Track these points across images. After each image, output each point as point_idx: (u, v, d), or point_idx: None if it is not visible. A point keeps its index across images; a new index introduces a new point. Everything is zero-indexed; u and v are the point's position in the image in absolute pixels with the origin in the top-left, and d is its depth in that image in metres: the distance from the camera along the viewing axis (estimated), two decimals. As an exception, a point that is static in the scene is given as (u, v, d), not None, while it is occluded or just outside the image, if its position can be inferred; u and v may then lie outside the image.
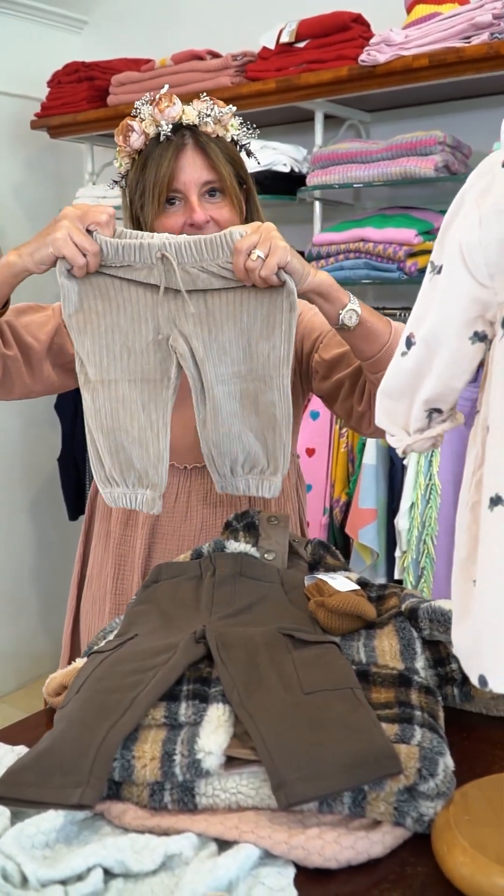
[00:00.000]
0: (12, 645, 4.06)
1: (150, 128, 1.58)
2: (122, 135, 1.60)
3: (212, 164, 1.60)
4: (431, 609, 1.35)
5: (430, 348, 0.96)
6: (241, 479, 1.55)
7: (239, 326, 1.47)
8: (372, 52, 2.67)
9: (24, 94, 3.80)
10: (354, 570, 2.79)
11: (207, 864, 0.96)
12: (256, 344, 1.48)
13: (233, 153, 1.64)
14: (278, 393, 1.50)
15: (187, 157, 1.59)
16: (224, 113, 1.60)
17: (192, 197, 1.60)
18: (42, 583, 4.14)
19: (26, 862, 0.94)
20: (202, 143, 1.59)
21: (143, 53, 3.64)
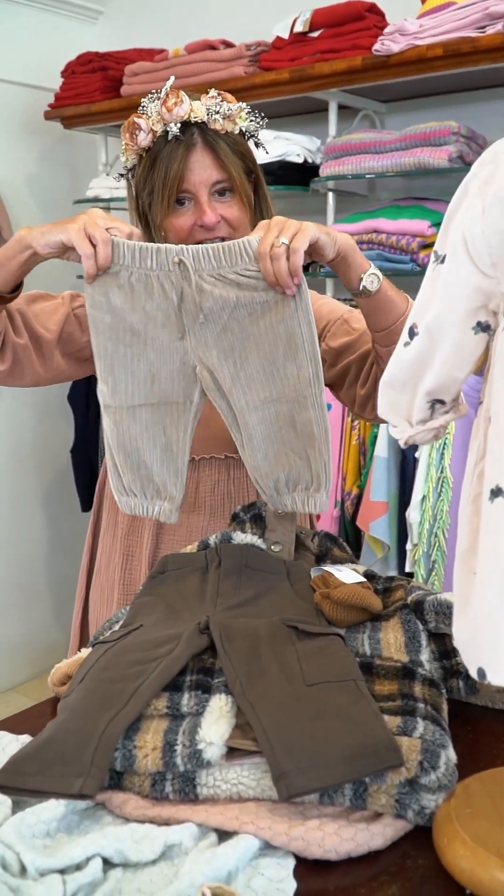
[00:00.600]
0: (25, 635, 4.08)
1: (158, 125, 1.55)
2: (129, 132, 1.57)
3: (221, 164, 1.57)
4: (437, 602, 1.35)
5: (432, 338, 0.95)
6: (287, 497, 1.50)
7: (262, 354, 1.44)
8: (386, 41, 2.65)
9: (38, 84, 3.80)
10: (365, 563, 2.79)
11: (206, 854, 0.96)
12: (283, 367, 1.45)
13: (242, 147, 1.61)
14: (314, 410, 1.46)
15: (196, 157, 1.56)
16: (233, 109, 1.56)
17: (201, 197, 1.58)
18: (55, 574, 4.15)
19: (25, 851, 0.94)
20: (211, 141, 1.56)
21: (156, 43, 3.63)
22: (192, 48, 3.19)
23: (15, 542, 4.00)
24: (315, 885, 0.96)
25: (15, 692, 4.00)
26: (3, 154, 3.80)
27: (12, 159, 3.82)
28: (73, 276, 4.06)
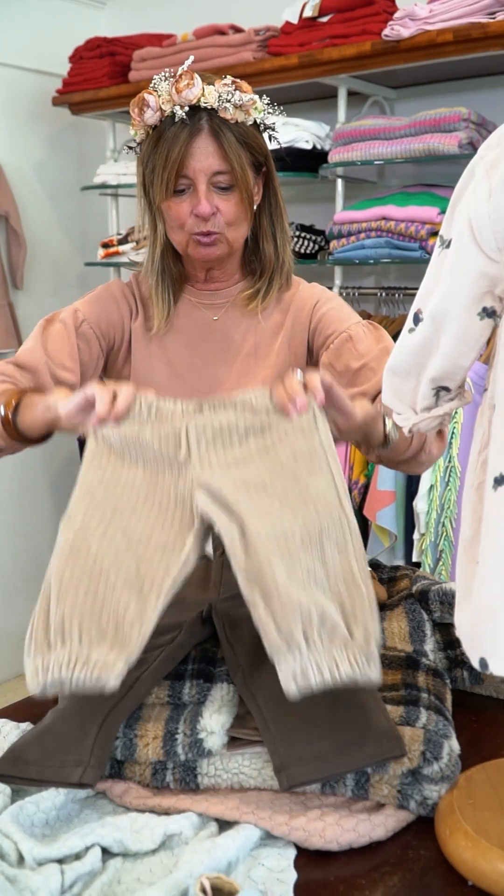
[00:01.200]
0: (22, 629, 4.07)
1: (167, 105, 1.50)
2: (138, 108, 1.53)
3: (224, 154, 1.51)
4: (442, 591, 1.34)
5: (437, 324, 0.94)
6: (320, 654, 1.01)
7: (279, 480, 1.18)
8: (396, 26, 2.62)
9: (46, 70, 3.78)
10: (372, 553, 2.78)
11: (206, 844, 0.95)
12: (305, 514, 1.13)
13: (252, 138, 1.54)
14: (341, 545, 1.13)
15: (200, 144, 1.50)
16: (244, 99, 1.50)
17: (200, 185, 1.52)
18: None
19: (23, 840, 0.94)
20: (217, 129, 1.50)
21: (165, 29, 3.60)
22: (201, 33, 3.16)
23: (21, 531, 4.00)
24: (316, 875, 0.96)
25: (20, 680, 3.99)
26: (12, 140, 3.78)
27: (20, 145, 3.80)
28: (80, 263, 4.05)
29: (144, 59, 3.30)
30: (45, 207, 3.93)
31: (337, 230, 2.89)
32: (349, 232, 2.85)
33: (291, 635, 1.00)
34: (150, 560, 1.11)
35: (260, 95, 1.59)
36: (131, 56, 3.38)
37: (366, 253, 2.81)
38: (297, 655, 0.99)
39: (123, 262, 3.53)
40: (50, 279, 3.99)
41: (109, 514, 1.15)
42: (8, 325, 3.68)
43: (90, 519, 1.15)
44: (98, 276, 3.96)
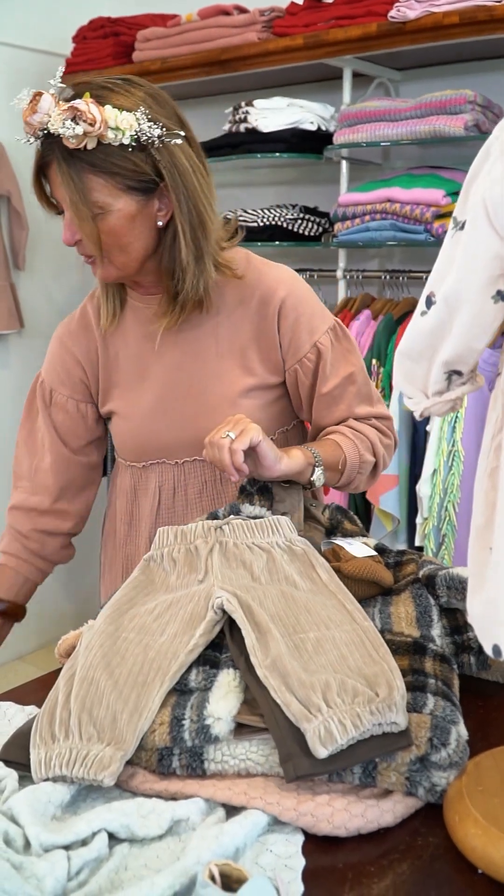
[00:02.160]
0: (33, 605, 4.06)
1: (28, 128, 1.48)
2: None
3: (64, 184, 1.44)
4: (449, 576, 1.33)
5: (450, 307, 0.92)
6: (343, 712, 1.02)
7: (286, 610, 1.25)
8: (402, 7, 2.60)
9: (49, 50, 3.75)
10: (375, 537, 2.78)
11: (214, 830, 0.95)
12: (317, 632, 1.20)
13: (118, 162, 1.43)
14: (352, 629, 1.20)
15: (53, 172, 1.46)
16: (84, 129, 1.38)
17: (67, 213, 1.49)
18: (64, 544, 4.15)
19: (30, 825, 0.93)
20: (60, 159, 1.44)
21: (168, 9, 3.58)
22: (205, 13, 3.14)
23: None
24: (324, 862, 0.95)
25: (22, 661, 4.00)
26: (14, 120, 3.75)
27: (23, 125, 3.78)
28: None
29: (149, 40, 3.28)
30: (48, 188, 3.90)
31: (342, 212, 2.87)
32: (354, 214, 2.84)
33: (311, 701, 1.04)
34: (159, 648, 1.18)
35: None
36: (135, 36, 3.36)
37: (370, 235, 2.80)
38: (318, 717, 1.02)
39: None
40: (52, 260, 3.97)
41: (127, 620, 1.26)
42: (10, 306, 3.67)
43: (108, 624, 1.25)
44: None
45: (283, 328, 1.62)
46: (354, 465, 1.59)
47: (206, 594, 1.26)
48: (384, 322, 2.88)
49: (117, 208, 1.46)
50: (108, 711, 1.09)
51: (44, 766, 1.03)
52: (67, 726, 1.08)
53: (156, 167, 1.46)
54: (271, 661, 1.11)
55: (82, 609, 4.18)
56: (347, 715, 1.02)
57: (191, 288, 1.55)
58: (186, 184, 1.49)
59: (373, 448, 1.63)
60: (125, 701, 1.10)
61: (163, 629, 1.22)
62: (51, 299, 3.99)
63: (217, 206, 1.58)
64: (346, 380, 1.64)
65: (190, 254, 1.52)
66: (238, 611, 1.20)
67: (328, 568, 1.34)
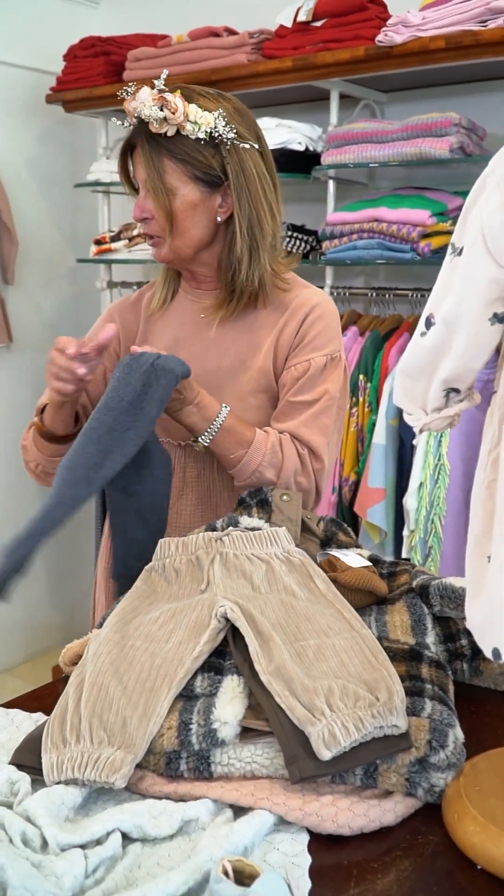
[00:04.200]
0: (20, 617, 4.09)
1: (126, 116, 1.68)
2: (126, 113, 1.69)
3: (143, 162, 1.65)
4: (442, 586, 1.37)
5: (449, 328, 0.97)
6: (345, 715, 1.07)
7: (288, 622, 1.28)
8: (389, 32, 2.66)
9: (40, 67, 3.80)
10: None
11: (224, 829, 0.98)
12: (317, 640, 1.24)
13: (192, 152, 1.63)
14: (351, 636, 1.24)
15: (137, 152, 1.66)
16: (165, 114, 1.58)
17: (141, 190, 1.69)
18: (53, 554, 4.15)
19: (47, 826, 0.97)
20: (146, 140, 1.63)
21: (157, 29, 3.63)
22: (196, 35, 3.19)
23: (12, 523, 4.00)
24: (329, 860, 0.99)
25: (9, 675, 4.01)
26: (3, 136, 3.80)
27: (12, 141, 3.82)
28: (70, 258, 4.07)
29: (139, 59, 3.33)
30: (37, 203, 3.95)
31: (329, 231, 2.93)
32: (341, 233, 2.89)
33: (314, 705, 1.08)
34: (166, 655, 1.22)
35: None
36: (126, 56, 3.41)
37: (358, 254, 2.85)
38: (322, 720, 1.06)
39: (115, 258, 3.55)
40: (41, 275, 4.01)
41: (133, 629, 1.30)
42: (-1, 321, 3.70)
43: (115, 632, 1.29)
44: (89, 272, 3.98)
45: (303, 329, 1.74)
46: (249, 471, 1.68)
47: (209, 603, 1.30)
48: (371, 338, 2.93)
49: (182, 193, 1.65)
50: (117, 716, 1.12)
51: (56, 769, 1.07)
52: (78, 731, 1.11)
53: (223, 166, 1.65)
54: (275, 667, 1.15)
55: (70, 622, 4.20)
56: (350, 718, 1.06)
57: (245, 279, 1.70)
58: (250, 187, 1.67)
59: (279, 471, 1.68)
60: (134, 706, 1.14)
61: (168, 637, 1.26)
62: (40, 313, 4.02)
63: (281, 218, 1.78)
64: (311, 403, 1.72)
65: (245, 247, 1.69)
66: (241, 619, 1.24)
67: (325, 578, 1.39)
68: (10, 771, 1.08)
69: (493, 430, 0.97)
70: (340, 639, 1.23)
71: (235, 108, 1.68)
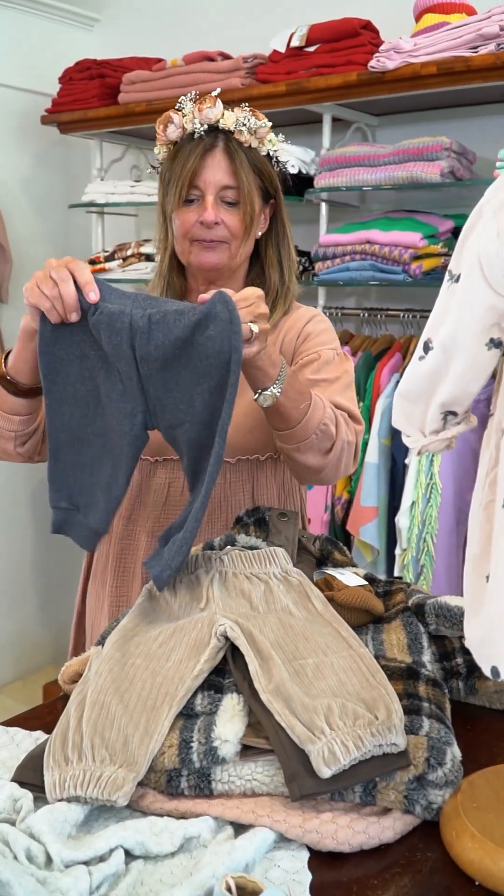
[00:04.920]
0: (11, 636, 4.09)
1: (188, 123, 1.65)
2: (163, 125, 1.68)
3: (234, 170, 1.65)
4: (438, 605, 1.39)
5: (447, 353, 0.99)
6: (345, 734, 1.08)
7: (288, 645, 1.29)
8: (382, 58, 2.70)
9: (35, 89, 3.83)
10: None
11: (225, 846, 1.00)
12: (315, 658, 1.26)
13: (262, 165, 1.69)
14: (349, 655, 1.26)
15: (213, 158, 1.65)
16: (259, 125, 1.66)
17: (208, 196, 1.66)
18: (41, 574, 4.16)
19: (52, 843, 0.98)
20: (231, 148, 1.65)
21: (153, 53, 3.67)
22: (190, 59, 3.23)
23: (1, 541, 4.01)
24: (329, 876, 1.00)
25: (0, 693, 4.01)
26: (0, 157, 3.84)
27: (8, 162, 3.85)
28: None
29: (134, 83, 3.37)
30: (31, 223, 3.97)
31: (322, 252, 2.96)
32: (334, 254, 2.93)
33: (314, 724, 1.09)
34: (166, 673, 1.23)
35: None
36: (121, 79, 3.45)
37: (350, 275, 2.88)
38: (322, 738, 1.07)
39: (109, 278, 3.58)
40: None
41: (133, 647, 1.31)
42: (-8, 339, 3.72)
43: (115, 650, 1.30)
44: (82, 293, 4.00)
45: (304, 332, 1.78)
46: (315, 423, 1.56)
47: (208, 621, 1.31)
48: (363, 358, 2.96)
49: (256, 201, 1.68)
50: (119, 735, 1.13)
51: (58, 787, 1.08)
52: (80, 749, 1.12)
53: (274, 183, 1.72)
54: (274, 686, 1.17)
55: (59, 640, 4.20)
56: (350, 737, 1.07)
57: (280, 290, 1.76)
58: (282, 205, 1.77)
59: (336, 428, 1.60)
60: (136, 724, 1.15)
61: (168, 655, 1.27)
62: (32, 333, 4.04)
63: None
64: (334, 380, 1.70)
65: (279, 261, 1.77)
66: (241, 638, 1.26)
67: (323, 599, 1.40)
68: (13, 788, 1.09)
69: (490, 451, 1.00)
70: (338, 657, 1.25)
71: None
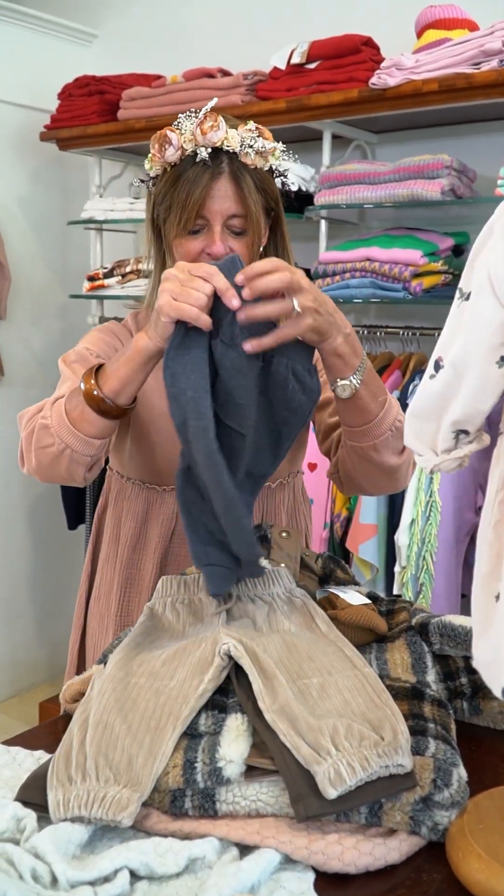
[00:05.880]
0: (7, 653, 4.07)
1: (189, 144, 1.53)
2: (158, 144, 1.56)
3: (242, 197, 1.55)
4: (442, 624, 1.38)
5: (457, 372, 0.99)
6: (351, 755, 1.07)
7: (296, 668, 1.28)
8: (383, 75, 2.71)
9: (34, 105, 3.84)
10: (355, 585, 2.83)
11: (231, 867, 0.99)
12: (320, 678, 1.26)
13: (267, 183, 1.61)
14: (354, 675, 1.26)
15: (220, 186, 1.54)
16: (267, 147, 1.55)
17: (215, 226, 1.56)
18: (38, 591, 4.15)
19: (57, 863, 0.97)
20: (237, 173, 1.55)
21: (153, 69, 3.68)
22: (190, 75, 3.24)
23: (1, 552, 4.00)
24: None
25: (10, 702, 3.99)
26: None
27: (6, 178, 3.86)
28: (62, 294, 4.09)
29: (133, 99, 3.37)
30: (30, 241, 3.98)
31: (322, 269, 2.96)
32: (334, 272, 2.93)
33: (319, 744, 1.08)
34: (170, 693, 1.22)
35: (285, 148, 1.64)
36: (120, 95, 3.45)
37: (350, 292, 2.89)
38: (328, 759, 1.06)
39: (108, 295, 3.58)
40: (32, 310, 4.03)
41: (136, 666, 1.30)
42: (-10, 355, 3.72)
43: (119, 670, 1.29)
44: (81, 308, 4.00)
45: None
46: (391, 419, 1.55)
47: (212, 640, 1.30)
48: (362, 375, 2.96)
49: (258, 229, 1.60)
50: (123, 755, 1.12)
51: (62, 807, 1.07)
52: (84, 769, 1.11)
53: (275, 196, 1.63)
54: (279, 706, 1.16)
55: (55, 657, 4.18)
56: (356, 758, 1.07)
57: None
58: (283, 217, 1.68)
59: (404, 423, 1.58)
60: (140, 744, 1.14)
61: (172, 674, 1.26)
62: (30, 348, 4.04)
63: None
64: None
65: None
66: (245, 657, 1.25)
67: (327, 619, 1.39)
68: (16, 808, 1.08)
69: (499, 470, 0.99)
70: (343, 677, 1.24)
71: None
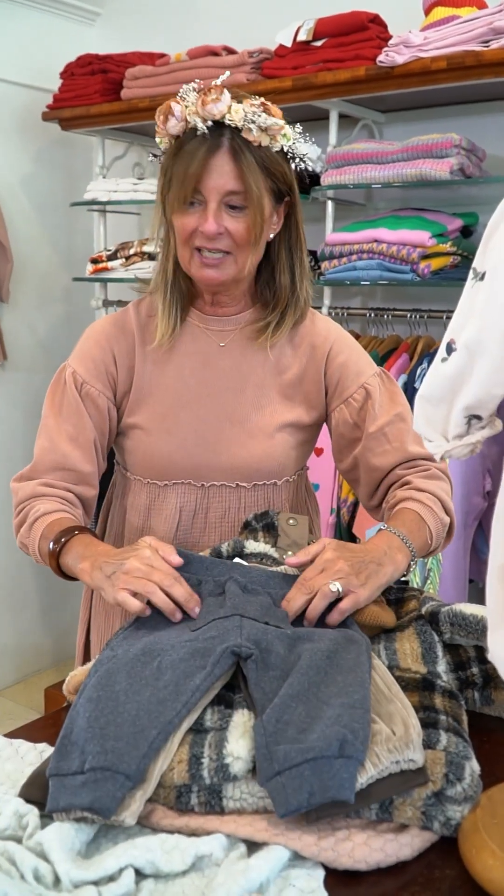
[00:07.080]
0: (12, 639, 4.06)
1: (192, 117, 1.48)
2: (163, 115, 1.51)
3: (240, 174, 1.50)
4: (452, 613, 1.36)
5: (471, 354, 0.96)
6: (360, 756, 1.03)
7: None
8: (391, 53, 2.66)
9: (36, 84, 3.79)
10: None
11: (239, 865, 0.96)
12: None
13: (274, 164, 1.54)
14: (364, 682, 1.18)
15: (217, 161, 1.49)
16: (270, 123, 1.49)
17: (210, 203, 1.51)
18: (43, 577, 4.13)
19: (60, 861, 0.94)
20: (237, 148, 1.49)
21: (156, 47, 3.63)
22: (195, 53, 3.19)
23: (2, 546, 3.98)
24: (345, 895, 0.97)
25: (1, 696, 3.98)
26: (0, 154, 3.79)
27: (8, 159, 3.81)
28: (65, 277, 4.05)
29: (137, 78, 3.32)
30: (33, 221, 3.93)
31: (329, 251, 2.92)
32: (341, 253, 2.88)
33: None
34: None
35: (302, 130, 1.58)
36: (123, 74, 3.40)
37: (357, 274, 2.84)
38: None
39: (112, 277, 3.54)
40: (35, 293, 3.99)
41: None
42: (-7, 339, 3.69)
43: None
44: (85, 290, 3.97)
45: (331, 371, 1.68)
46: (440, 534, 1.59)
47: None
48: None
49: (259, 207, 1.52)
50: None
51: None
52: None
53: (292, 181, 1.57)
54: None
55: (60, 643, 4.17)
56: (368, 756, 1.04)
57: (291, 298, 1.65)
58: (298, 205, 1.62)
59: (444, 506, 1.60)
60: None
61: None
62: (34, 332, 4.00)
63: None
64: (396, 417, 1.64)
65: (291, 266, 1.63)
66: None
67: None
68: (18, 804, 1.05)
69: (514, 457, 0.96)
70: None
71: None
